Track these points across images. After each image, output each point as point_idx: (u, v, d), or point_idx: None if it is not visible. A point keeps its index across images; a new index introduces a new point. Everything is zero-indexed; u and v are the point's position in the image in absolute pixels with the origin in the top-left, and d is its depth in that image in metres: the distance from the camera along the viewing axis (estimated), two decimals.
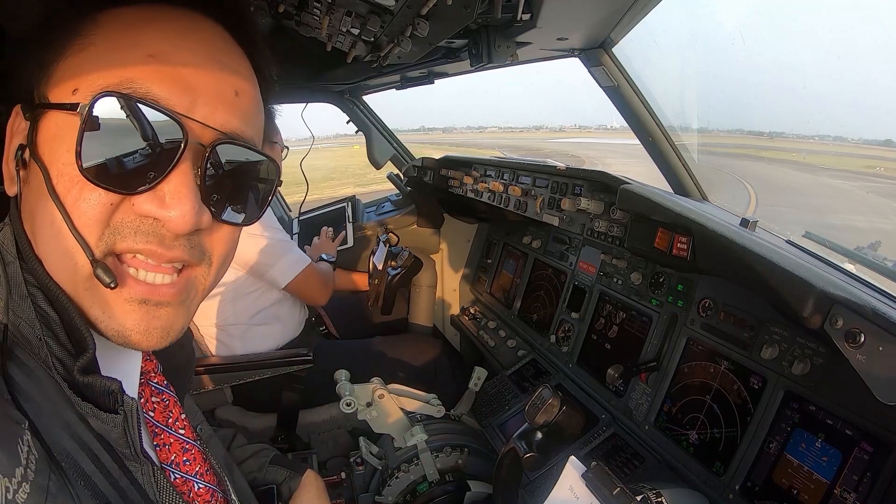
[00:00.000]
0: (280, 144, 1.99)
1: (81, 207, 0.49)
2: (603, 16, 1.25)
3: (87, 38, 0.51)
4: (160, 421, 0.65)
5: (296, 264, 1.88)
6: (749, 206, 1.57)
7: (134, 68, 0.50)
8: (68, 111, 0.49)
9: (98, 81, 0.49)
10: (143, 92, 0.49)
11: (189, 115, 0.51)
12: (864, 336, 0.78)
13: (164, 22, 0.53)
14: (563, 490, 0.82)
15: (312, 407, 1.97)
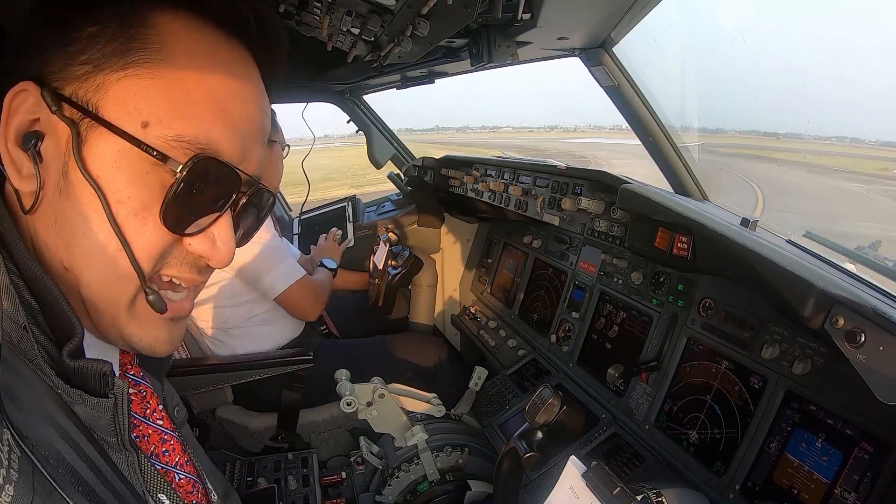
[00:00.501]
0: (281, 143, 1.99)
1: (142, 242, 0.53)
2: (603, 15, 1.25)
3: (153, 61, 0.50)
4: (138, 412, 0.65)
5: (287, 275, 1.82)
6: (755, 210, 1.55)
7: (208, 122, 0.53)
8: (136, 146, 0.50)
9: (174, 126, 0.51)
10: (214, 149, 0.54)
11: (241, 167, 0.57)
12: (865, 336, 0.78)
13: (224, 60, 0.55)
14: (563, 490, 0.82)
15: (313, 406, 1.97)
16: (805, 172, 7.41)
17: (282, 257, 1.83)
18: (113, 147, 0.50)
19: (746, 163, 5.98)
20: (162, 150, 0.50)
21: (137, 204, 0.51)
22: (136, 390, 0.67)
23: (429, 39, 1.17)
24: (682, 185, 1.64)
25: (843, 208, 5.56)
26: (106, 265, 0.52)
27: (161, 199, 0.52)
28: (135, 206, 0.51)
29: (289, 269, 1.83)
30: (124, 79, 0.50)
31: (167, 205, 0.52)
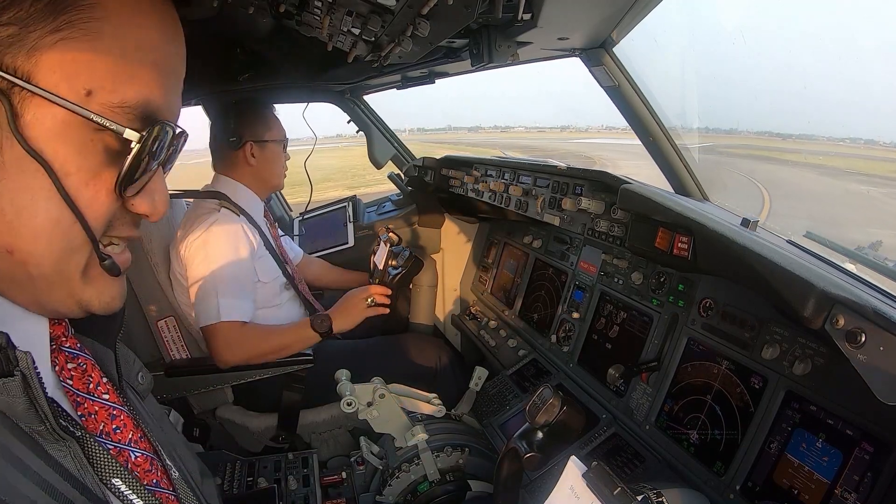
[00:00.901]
0: (280, 141, 1.98)
1: (94, 210, 0.51)
2: (604, 16, 1.25)
3: (90, 20, 0.46)
4: (80, 389, 0.60)
5: (206, 315, 1.71)
6: (761, 213, 1.51)
7: (146, 80, 0.51)
8: (82, 116, 0.47)
9: (118, 92, 0.49)
10: (154, 108, 0.52)
11: (174, 123, 0.55)
12: (865, 336, 0.78)
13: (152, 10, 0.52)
14: (563, 490, 0.82)
15: (313, 407, 1.97)
16: (816, 174, 7.02)
17: (226, 291, 1.72)
18: (55, 117, 0.46)
19: (756, 164, 5.85)
20: (107, 117, 0.48)
21: (87, 174, 0.49)
22: (76, 363, 0.62)
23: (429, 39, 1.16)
24: (683, 186, 1.64)
25: (854, 212, 5.36)
26: (60, 240, 0.50)
27: (106, 163, 0.50)
28: (84, 176, 0.49)
29: (209, 308, 1.70)
30: (60, 42, 0.46)
31: (124, 173, 0.51)
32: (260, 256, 1.91)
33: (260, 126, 1.93)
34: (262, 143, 1.92)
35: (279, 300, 2.00)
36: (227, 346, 1.71)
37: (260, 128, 1.92)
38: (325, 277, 2.58)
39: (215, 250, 1.72)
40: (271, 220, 2.13)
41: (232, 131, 1.88)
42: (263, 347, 1.75)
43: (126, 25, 0.49)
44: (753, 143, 4.94)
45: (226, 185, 1.91)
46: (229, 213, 1.80)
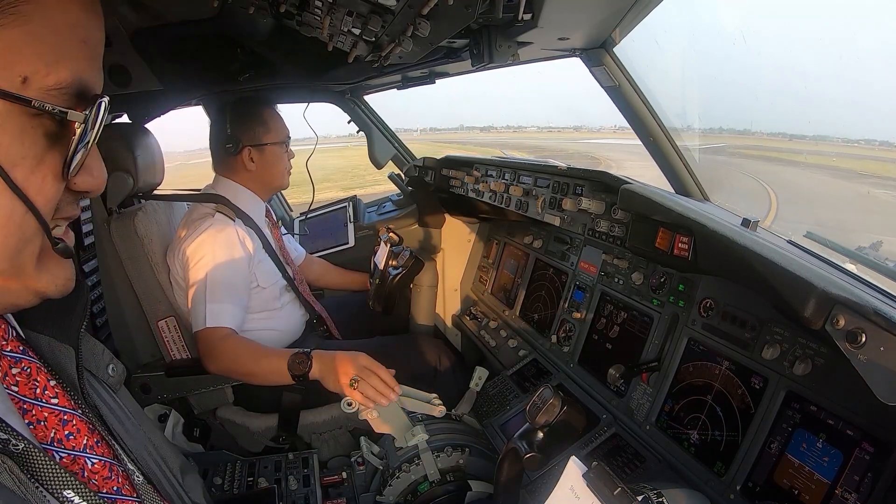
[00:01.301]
0: (282, 142, 1.97)
1: (43, 196, 0.50)
2: (604, 16, 1.25)
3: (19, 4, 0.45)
4: (26, 395, 0.57)
5: (196, 320, 1.69)
6: (766, 218, 1.47)
7: (77, 58, 0.50)
8: (20, 104, 0.45)
9: (52, 74, 0.48)
10: (87, 85, 0.51)
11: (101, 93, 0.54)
12: (866, 336, 0.78)
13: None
14: (563, 490, 0.82)
15: (313, 407, 1.97)
16: (828, 177, 6.55)
17: (213, 297, 1.69)
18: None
19: (768, 166, 5.67)
20: (44, 100, 0.47)
21: (32, 161, 0.48)
22: (20, 368, 0.58)
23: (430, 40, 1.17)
24: (683, 186, 1.64)
25: (867, 217, 5.09)
26: (14, 234, 0.49)
27: (47, 147, 0.49)
28: (30, 164, 0.48)
29: (210, 312, 1.68)
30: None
31: (71, 157, 0.50)
32: (259, 261, 1.90)
33: (257, 129, 1.89)
34: (260, 146, 1.89)
35: (279, 303, 2.00)
36: (207, 353, 1.66)
37: (257, 131, 1.89)
38: (326, 277, 2.58)
39: (207, 256, 1.71)
40: (273, 221, 2.12)
41: (228, 137, 1.86)
42: (235, 367, 1.65)
43: (54, 6, 0.48)
44: (766, 143, 4.82)
45: (225, 187, 1.90)
46: (223, 218, 1.78)
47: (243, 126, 1.88)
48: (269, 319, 1.95)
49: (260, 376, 1.60)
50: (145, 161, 1.88)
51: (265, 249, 1.94)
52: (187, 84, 2.15)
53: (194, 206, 1.89)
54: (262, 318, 1.93)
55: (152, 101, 2.21)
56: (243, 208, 1.87)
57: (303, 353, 1.51)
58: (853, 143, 4.35)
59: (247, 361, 1.62)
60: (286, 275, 2.04)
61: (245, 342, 1.68)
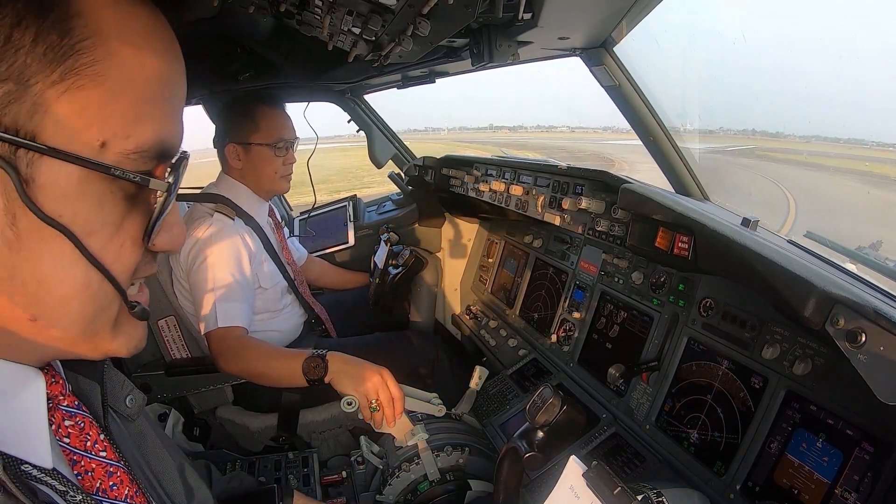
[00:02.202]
0: (265, 144, 1.96)
1: (121, 264, 0.49)
2: (604, 15, 1.25)
3: (93, 63, 0.42)
4: (77, 446, 0.58)
5: (206, 322, 1.67)
6: (783, 229, 1.42)
7: (158, 117, 0.47)
8: (99, 171, 0.43)
9: (132, 137, 0.45)
10: (169, 145, 0.49)
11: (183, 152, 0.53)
12: (866, 336, 0.78)
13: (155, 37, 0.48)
14: (563, 489, 0.82)
15: (313, 406, 1.97)
16: (859, 183, 6.04)
17: (223, 296, 1.68)
18: (70, 176, 0.42)
19: (793, 169, 5.44)
20: (127, 167, 0.44)
21: (111, 228, 0.46)
22: (73, 422, 0.59)
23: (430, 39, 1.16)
24: (683, 185, 1.64)
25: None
26: (90, 302, 0.48)
27: (126, 211, 0.47)
28: (109, 232, 0.46)
29: (222, 312, 1.66)
30: (66, 94, 0.41)
31: (150, 226, 0.48)
32: (261, 262, 1.89)
33: (246, 126, 1.84)
34: (245, 144, 1.84)
35: (280, 305, 1.99)
36: (222, 353, 1.63)
37: (246, 128, 1.84)
38: (326, 277, 2.58)
39: (210, 256, 1.71)
40: (276, 222, 2.11)
41: (216, 130, 1.87)
42: (250, 368, 1.61)
43: (131, 61, 0.44)
44: (797, 146, 4.66)
45: (227, 186, 1.89)
46: (222, 218, 1.77)
47: (232, 121, 1.86)
48: (269, 320, 1.95)
49: (273, 378, 1.57)
50: None
51: (266, 250, 1.94)
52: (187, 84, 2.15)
53: (194, 206, 1.89)
54: (264, 320, 1.92)
55: None
56: (244, 207, 1.87)
57: (317, 356, 1.46)
58: (889, 148, 4.12)
59: (262, 362, 1.59)
60: (287, 276, 2.04)
61: (259, 343, 1.66)
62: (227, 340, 1.64)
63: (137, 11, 0.46)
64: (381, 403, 1.37)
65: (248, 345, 1.63)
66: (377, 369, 1.41)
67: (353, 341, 2.13)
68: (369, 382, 1.38)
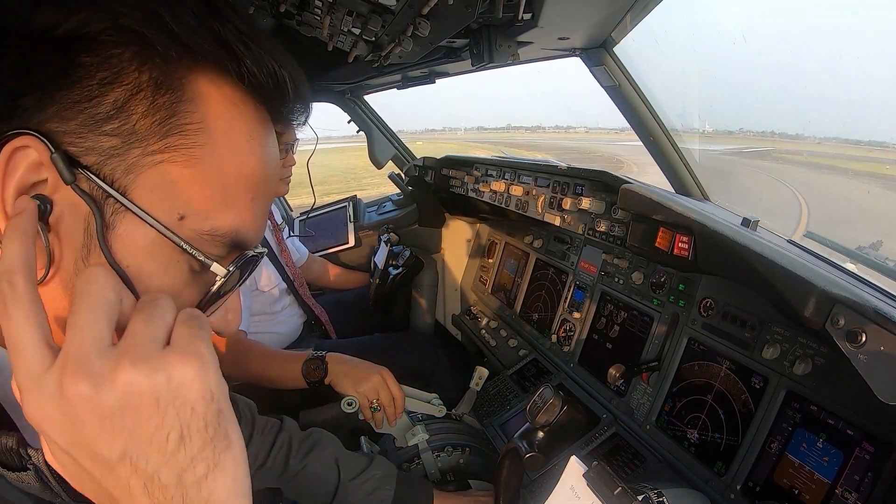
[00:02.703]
0: (288, 144, 1.97)
1: None
2: (604, 16, 1.25)
3: (194, 146, 0.45)
4: None
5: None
6: (796, 232, 1.34)
7: (241, 210, 0.49)
8: (171, 240, 0.45)
9: (210, 220, 0.47)
10: (244, 237, 0.51)
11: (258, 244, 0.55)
12: (866, 336, 0.78)
13: (258, 135, 0.50)
14: (564, 490, 0.82)
15: (313, 407, 1.97)
16: (881, 188, 5.44)
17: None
18: (145, 236, 0.45)
19: (810, 173, 5.22)
20: (196, 245, 0.47)
21: (169, 291, 0.47)
22: None
23: (430, 39, 1.17)
24: (683, 185, 1.64)
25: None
26: None
27: (188, 282, 0.49)
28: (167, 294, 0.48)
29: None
30: (160, 164, 0.44)
31: (204, 304, 0.50)
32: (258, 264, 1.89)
33: None
34: None
35: (279, 306, 1.99)
36: (221, 357, 1.60)
37: None
38: (327, 277, 2.58)
39: None
40: (275, 224, 2.11)
41: None
42: (249, 371, 1.60)
43: (227, 154, 0.47)
44: (816, 149, 4.51)
45: None
46: None
47: None
48: (268, 322, 1.95)
49: (273, 380, 1.56)
50: None
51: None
52: None
53: None
54: (262, 321, 1.92)
55: None
56: None
57: (317, 357, 1.47)
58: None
59: (261, 365, 1.58)
60: (286, 278, 2.04)
61: (258, 345, 1.65)
62: (225, 344, 1.63)
63: (247, 113, 0.49)
64: (382, 403, 1.38)
65: (246, 348, 1.62)
66: (377, 369, 1.41)
67: (353, 342, 2.13)
68: (369, 382, 1.38)
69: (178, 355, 0.40)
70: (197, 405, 0.40)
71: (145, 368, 0.38)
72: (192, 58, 0.44)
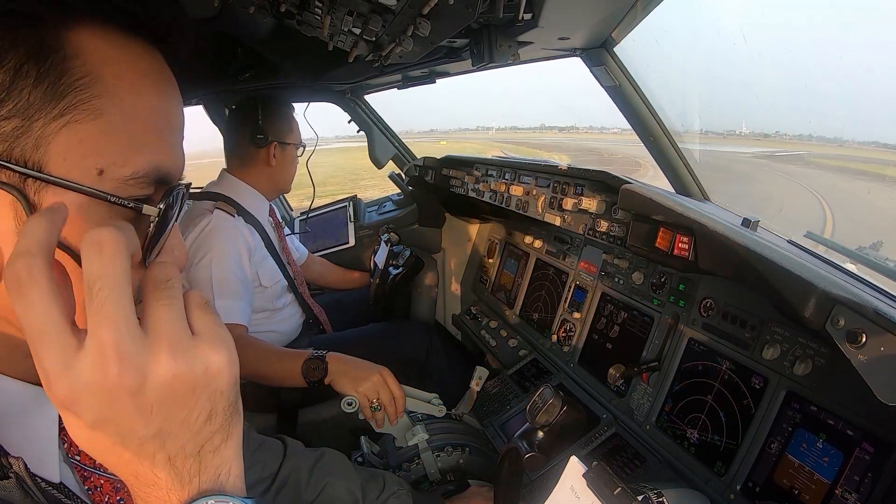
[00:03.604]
0: (296, 144, 1.99)
1: None
2: (604, 15, 1.25)
3: (90, 98, 0.45)
4: (87, 464, 0.61)
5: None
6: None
7: (155, 147, 0.50)
8: (97, 198, 0.46)
9: (128, 165, 0.47)
10: (165, 171, 0.51)
11: (181, 176, 0.55)
12: (866, 336, 0.78)
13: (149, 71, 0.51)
14: (564, 490, 0.82)
15: (312, 405, 1.96)
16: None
17: (222, 293, 1.67)
18: (72, 203, 0.45)
19: (843, 179, 4.95)
20: (122, 194, 0.47)
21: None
22: None
23: (430, 39, 1.17)
24: (683, 185, 1.64)
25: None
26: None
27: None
28: None
29: (221, 309, 1.63)
30: (66, 127, 0.44)
31: (146, 247, 0.50)
32: (262, 259, 1.90)
33: (284, 127, 1.93)
34: (284, 144, 1.92)
35: (280, 303, 1.99)
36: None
37: (284, 129, 1.92)
38: (327, 277, 2.58)
39: (210, 253, 1.70)
40: (277, 221, 2.12)
41: (259, 128, 1.87)
42: (250, 368, 1.58)
43: (127, 96, 0.48)
44: (854, 153, 4.26)
45: (229, 185, 1.90)
46: (223, 214, 1.77)
47: (273, 121, 1.90)
48: (268, 320, 1.95)
49: (273, 379, 1.55)
50: None
51: (267, 248, 1.94)
52: (188, 84, 2.14)
53: (194, 203, 1.89)
54: (262, 319, 1.92)
55: None
56: (246, 206, 1.87)
57: (317, 357, 1.45)
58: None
59: (261, 363, 1.56)
60: (287, 275, 2.04)
61: (259, 342, 1.65)
62: None
63: (132, 48, 0.49)
64: (383, 402, 1.37)
65: (248, 344, 1.62)
66: (377, 369, 1.41)
67: (349, 334, 2.13)
68: (369, 382, 1.38)
69: (209, 345, 0.43)
70: (226, 389, 0.44)
71: (184, 361, 0.41)
72: (62, 14, 0.45)
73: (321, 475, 1.09)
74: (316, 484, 1.07)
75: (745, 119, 1.74)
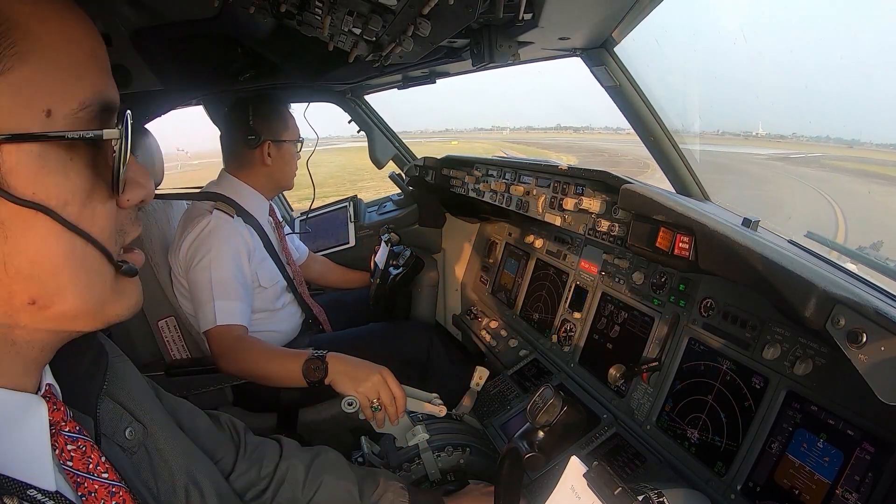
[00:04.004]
0: (292, 141, 1.98)
1: (99, 227, 0.51)
2: (605, 15, 1.25)
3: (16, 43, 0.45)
4: (80, 469, 0.60)
5: (204, 319, 1.66)
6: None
7: (90, 73, 0.49)
8: (52, 140, 0.45)
9: (73, 98, 0.47)
10: (108, 98, 0.51)
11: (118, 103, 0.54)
12: (867, 336, 0.78)
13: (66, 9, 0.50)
14: (564, 490, 0.82)
15: (312, 405, 1.97)
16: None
17: (222, 294, 1.67)
18: (31, 154, 0.45)
19: (860, 185, 4.76)
20: (74, 128, 0.47)
21: (82, 195, 0.49)
22: (76, 446, 0.61)
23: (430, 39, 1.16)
24: (684, 185, 1.64)
25: None
26: (78, 268, 0.50)
27: (92, 176, 0.50)
28: (81, 198, 0.49)
29: (221, 310, 1.65)
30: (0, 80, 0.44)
31: (115, 180, 0.50)
32: (261, 259, 1.90)
33: (278, 125, 1.92)
34: (278, 142, 1.91)
35: (279, 304, 1.99)
36: (223, 353, 1.61)
37: (278, 127, 1.91)
38: (327, 276, 2.58)
39: (209, 253, 1.70)
40: (277, 221, 2.12)
41: (250, 129, 1.86)
42: (251, 368, 1.59)
43: (48, 33, 0.47)
44: (873, 156, 4.15)
45: (228, 185, 1.90)
46: (222, 215, 1.77)
47: (265, 120, 1.89)
48: (267, 320, 1.95)
49: (273, 379, 1.55)
50: (145, 161, 1.88)
51: (266, 248, 1.94)
52: (188, 84, 2.15)
53: (193, 204, 1.89)
54: (262, 319, 1.92)
55: (153, 101, 2.21)
56: (245, 206, 1.87)
57: (317, 357, 1.44)
58: None
59: (262, 363, 1.56)
60: (286, 275, 2.04)
61: (259, 342, 1.64)
62: (228, 340, 1.63)
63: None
64: (383, 402, 1.37)
65: (248, 345, 1.62)
66: (377, 369, 1.41)
67: (349, 334, 2.12)
68: (369, 382, 1.38)
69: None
70: None
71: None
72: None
73: (318, 473, 1.09)
74: (313, 482, 1.07)
75: (761, 120, 1.76)
